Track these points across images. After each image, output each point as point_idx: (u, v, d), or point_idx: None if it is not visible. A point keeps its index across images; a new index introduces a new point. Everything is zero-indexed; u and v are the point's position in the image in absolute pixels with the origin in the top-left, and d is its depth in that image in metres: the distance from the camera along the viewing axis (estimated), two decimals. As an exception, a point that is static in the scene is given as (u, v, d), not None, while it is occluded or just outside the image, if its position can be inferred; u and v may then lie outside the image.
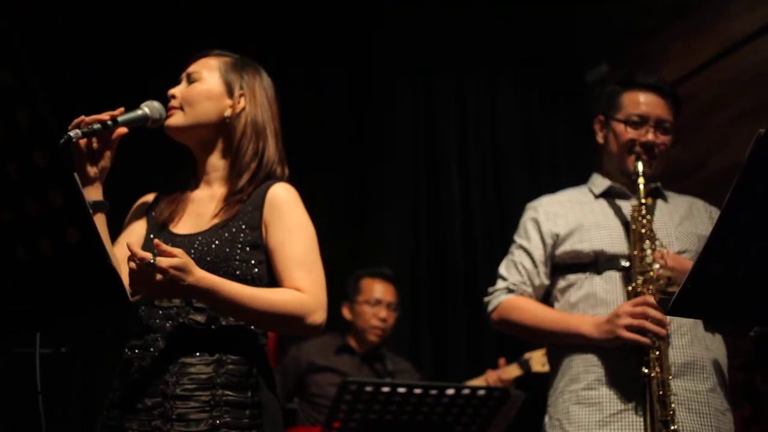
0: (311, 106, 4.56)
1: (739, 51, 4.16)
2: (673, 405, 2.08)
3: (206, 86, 2.00)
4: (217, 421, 1.77)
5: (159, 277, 1.66)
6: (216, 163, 2.03)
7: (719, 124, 4.13)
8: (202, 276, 1.72)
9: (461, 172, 4.85)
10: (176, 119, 1.99)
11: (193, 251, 1.85)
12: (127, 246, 1.67)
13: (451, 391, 2.49)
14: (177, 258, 1.67)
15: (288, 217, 1.94)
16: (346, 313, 3.72)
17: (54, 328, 1.93)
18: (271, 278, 1.92)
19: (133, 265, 1.65)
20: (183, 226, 1.98)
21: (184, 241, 1.90)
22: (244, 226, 1.91)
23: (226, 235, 1.90)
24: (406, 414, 2.51)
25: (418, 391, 2.46)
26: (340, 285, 3.89)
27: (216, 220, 1.94)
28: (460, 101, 5.01)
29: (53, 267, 1.04)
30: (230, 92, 2.02)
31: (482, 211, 4.78)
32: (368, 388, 2.44)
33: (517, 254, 2.49)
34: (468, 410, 2.56)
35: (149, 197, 2.12)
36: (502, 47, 5.05)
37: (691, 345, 2.24)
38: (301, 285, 1.87)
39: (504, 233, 4.30)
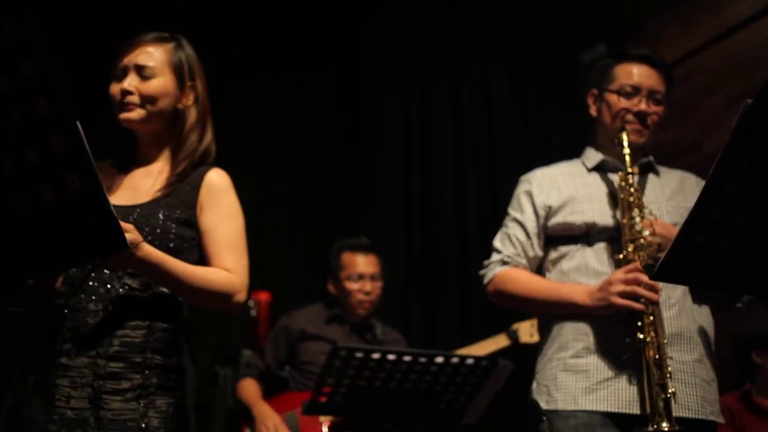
0: (305, 97, 4.60)
1: (733, 36, 4.19)
2: (669, 368, 2.10)
3: (162, 82, 2.09)
4: (147, 381, 1.91)
5: None
6: (159, 145, 2.14)
7: (713, 107, 4.16)
8: (150, 251, 1.83)
9: (455, 148, 4.88)
10: (137, 114, 2.07)
11: (131, 218, 1.96)
12: None
13: (440, 360, 2.51)
14: (130, 233, 1.74)
15: (223, 202, 2.08)
16: (331, 288, 3.74)
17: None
18: (201, 256, 2.04)
19: None
20: (118, 198, 2.06)
21: (122, 212, 1.96)
22: (180, 204, 2.03)
23: (164, 210, 2.01)
24: (395, 381, 2.54)
25: (407, 358, 2.49)
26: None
27: (154, 196, 2.04)
28: (454, 86, 5.02)
29: (55, 215, 1.07)
30: (181, 85, 2.12)
31: (475, 186, 4.81)
32: (358, 354, 2.47)
33: (510, 227, 2.52)
34: (456, 379, 2.58)
35: None
36: (496, 32, 5.06)
37: (679, 316, 2.26)
38: (230, 266, 2.02)
39: (495, 207, 4.35)
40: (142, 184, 2.10)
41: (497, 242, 2.54)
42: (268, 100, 4.75)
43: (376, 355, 2.47)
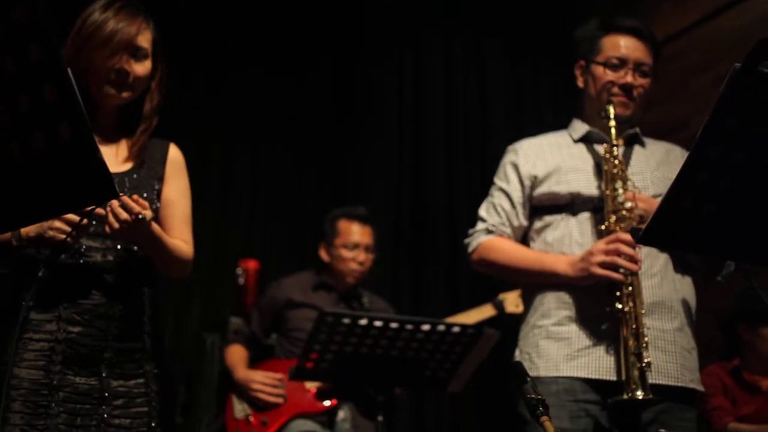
0: (297, 67, 4.58)
1: (725, 13, 4.19)
2: (646, 338, 2.14)
3: (149, 66, 2.14)
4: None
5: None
6: (118, 113, 2.18)
7: (703, 85, 4.16)
8: (155, 225, 2.02)
9: (446, 119, 4.89)
10: (127, 97, 2.12)
11: (127, 192, 2.03)
12: (124, 199, 1.88)
13: (426, 327, 2.54)
14: (147, 210, 1.92)
15: (182, 179, 2.24)
16: (323, 254, 3.74)
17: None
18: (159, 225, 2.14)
19: (127, 216, 1.87)
20: None
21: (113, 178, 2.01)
22: (154, 176, 2.16)
23: (146, 181, 2.13)
24: (381, 348, 2.57)
25: (394, 325, 2.52)
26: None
27: (129, 164, 2.14)
28: (447, 56, 5.02)
29: (46, 162, 1.07)
30: (155, 65, 2.16)
31: (465, 157, 4.83)
32: (345, 320, 2.49)
33: (496, 196, 2.54)
34: (442, 346, 2.61)
35: None
36: (490, 4, 5.05)
37: (660, 285, 2.29)
38: (187, 239, 2.20)
39: (484, 177, 4.36)
40: (108, 150, 2.14)
41: (482, 211, 2.56)
42: (261, 73, 4.72)
43: (363, 321, 2.50)
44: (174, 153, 2.25)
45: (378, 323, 2.50)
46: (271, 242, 4.60)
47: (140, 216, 1.89)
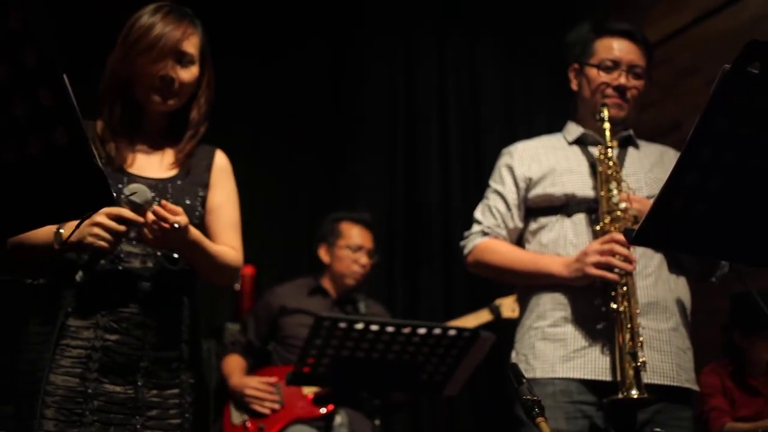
0: (293, 56, 4.57)
1: (717, 16, 4.22)
2: (641, 338, 2.15)
3: (195, 72, 2.11)
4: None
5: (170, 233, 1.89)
6: (166, 119, 2.16)
7: (695, 87, 4.18)
8: (194, 232, 1.98)
9: (439, 122, 4.90)
10: (173, 104, 2.10)
11: (170, 198, 2.01)
12: (156, 209, 1.87)
13: (422, 330, 2.54)
14: (181, 216, 1.90)
15: (228, 184, 2.21)
16: (323, 255, 3.75)
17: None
18: (203, 232, 2.11)
19: (167, 225, 1.85)
20: (142, 169, 2.10)
21: (155, 185, 2.03)
22: (199, 183, 2.13)
23: (189, 188, 2.09)
24: (377, 352, 2.57)
25: (390, 329, 2.52)
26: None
27: (174, 171, 2.10)
28: (441, 55, 5.03)
29: (42, 167, 1.07)
30: (202, 72, 2.13)
31: (459, 158, 4.84)
32: (342, 325, 2.49)
33: (491, 198, 2.55)
34: (438, 350, 2.62)
35: None
36: (484, 5, 5.07)
37: (655, 286, 2.30)
38: (235, 245, 2.16)
39: (480, 181, 4.37)
40: (153, 156, 2.13)
41: (478, 213, 2.57)
42: (255, 76, 4.72)
43: (359, 326, 2.50)
44: (220, 159, 2.22)
45: (374, 327, 2.50)
46: (267, 248, 4.60)
47: (175, 224, 1.88)
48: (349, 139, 4.82)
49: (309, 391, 3.40)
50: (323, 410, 3.38)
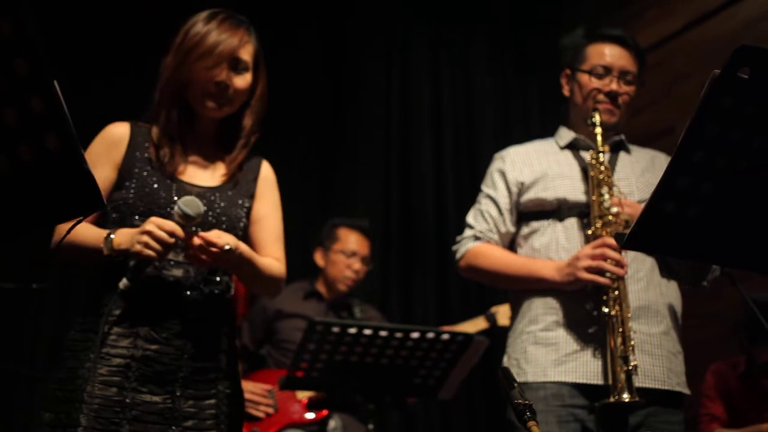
0: (287, 61, 4.56)
1: (709, 21, 4.24)
2: (632, 342, 2.16)
3: (249, 79, 2.11)
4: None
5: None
6: (218, 126, 2.16)
7: (688, 91, 4.20)
8: (244, 249, 1.98)
9: (433, 127, 4.91)
10: (227, 110, 2.11)
11: (217, 208, 2.03)
12: (204, 234, 1.88)
13: (415, 335, 2.56)
14: (230, 238, 1.92)
15: (273, 195, 2.22)
16: (318, 259, 3.77)
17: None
18: (247, 242, 2.10)
19: (216, 250, 1.88)
20: (193, 177, 2.10)
21: (204, 194, 2.04)
22: (246, 193, 2.14)
23: (237, 198, 2.10)
24: (371, 356, 2.58)
25: (383, 333, 2.53)
26: (311, 234, 3.97)
27: (222, 180, 2.11)
28: (435, 61, 5.05)
29: (33, 174, 1.07)
30: (255, 81, 2.14)
31: (453, 164, 4.86)
32: (335, 329, 2.50)
33: (483, 203, 2.55)
34: (432, 354, 2.63)
35: (121, 127, 2.12)
36: (478, 9, 5.09)
37: (647, 290, 2.31)
38: (279, 256, 2.16)
39: (474, 186, 4.38)
40: (204, 164, 2.14)
41: (470, 218, 2.58)
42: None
43: (352, 330, 2.51)
44: (266, 170, 2.23)
45: (367, 331, 2.52)
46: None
47: (226, 248, 1.88)
48: (343, 144, 4.82)
49: (303, 395, 3.40)
50: (317, 415, 3.38)
